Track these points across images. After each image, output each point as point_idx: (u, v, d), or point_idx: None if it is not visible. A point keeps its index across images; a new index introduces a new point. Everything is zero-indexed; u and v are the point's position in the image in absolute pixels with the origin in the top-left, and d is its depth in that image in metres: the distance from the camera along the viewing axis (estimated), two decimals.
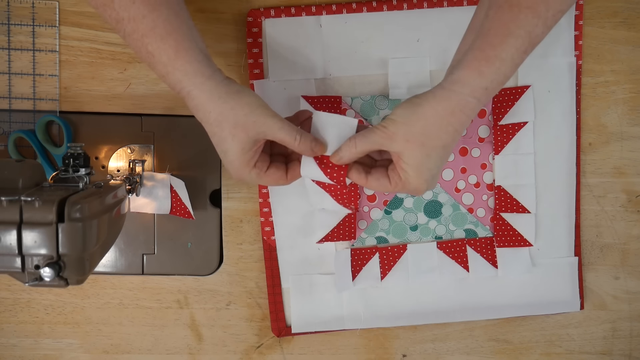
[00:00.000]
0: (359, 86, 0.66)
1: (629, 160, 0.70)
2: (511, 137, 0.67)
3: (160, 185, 0.65)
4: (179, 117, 0.67)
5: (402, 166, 0.52)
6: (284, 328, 0.69)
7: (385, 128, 0.52)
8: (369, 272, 0.68)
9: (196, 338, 0.70)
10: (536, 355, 0.72)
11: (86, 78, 0.66)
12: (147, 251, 0.67)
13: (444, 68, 0.67)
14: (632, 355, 0.73)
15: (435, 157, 0.52)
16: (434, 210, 0.68)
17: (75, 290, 0.68)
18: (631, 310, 0.72)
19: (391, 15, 0.65)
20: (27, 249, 0.45)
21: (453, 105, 0.50)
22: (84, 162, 0.54)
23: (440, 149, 0.51)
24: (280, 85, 0.66)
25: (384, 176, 0.55)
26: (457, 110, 0.50)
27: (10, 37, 0.65)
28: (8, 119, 0.66)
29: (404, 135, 0.51)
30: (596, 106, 0.69)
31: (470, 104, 0.50)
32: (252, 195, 0.68)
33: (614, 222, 0.71)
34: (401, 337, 0.71)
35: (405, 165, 0.52)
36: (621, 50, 0.68)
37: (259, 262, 0.69)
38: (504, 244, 0.68)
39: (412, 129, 0.51)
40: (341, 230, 0.67)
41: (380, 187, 0.55)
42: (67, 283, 0.47)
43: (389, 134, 0.51)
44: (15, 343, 0.69)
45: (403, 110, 0.51)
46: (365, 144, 0.53)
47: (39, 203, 0.45)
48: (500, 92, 0.67)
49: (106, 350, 0.69)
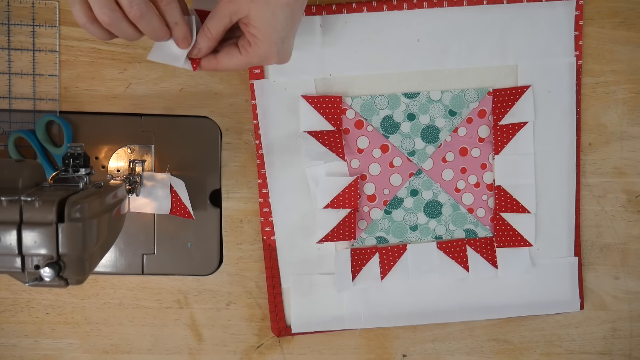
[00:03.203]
0: (359, 86, 0.66)
1: (629, 160, 0.70)
2: (511, 137, 0.67)
3: (160, 185, 0.65)
4: (179, 117, 0.67)
5: (250, 31, 0.52)
6: (284, 328, 0.69)
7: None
8: (369, 272, 0.68)
9: (196, 338, 0.70)
10: (536, 355, 0.72)
11: (86, 78, 0.66)
12: (147, 251, 0.67)
13: (444, 68, 0.67)
14: (632, 355, 0.73)
15: (281, 15, 0.52)
16: (434, 210, 0.69)
17: (75, 290, 0.68)
18: (631, 310, 0.72)
19: (391, 15, 0.65)
20: (27, 249, 0.45)
21: None
22: (84, 162, 0.54)
23: (285, 6, 0.52)
24: (280, 85, 0.66)
25: (233, 48, 0.54)
26: None
27: (10, 37, 0.65)
28: (8, 119, 0.66)
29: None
30: (596, 106, 0.69)
31: None
32: (252, 195, 0.68)
33: (614, 222, 0.71)
34: (401, 337, 0.71)
35: (254, 29, 0.52)
36: (621, 50, 0.68)
37: (259, 262, 0.69)
38: (503, 244, 0.68)
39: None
40: (341, 230, 0.67)
41: (232, 60, 0.54)
42: (67, 283, 0.47)
43: (233, 0, 0.51)
44: (15, 343, 0.69)
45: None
46: (216, 22, 0.52)
47: (39, 203, 0.45)
48: (500, 92, 0.67)
49: (106, 350, 0.69)
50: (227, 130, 0.67)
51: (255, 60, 0.54)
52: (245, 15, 0.52)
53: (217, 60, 0.55)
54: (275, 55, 0.54)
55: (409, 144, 0.67)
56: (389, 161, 0.67)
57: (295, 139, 0.66)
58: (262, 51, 0.53)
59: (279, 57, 0.54)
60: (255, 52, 0.53)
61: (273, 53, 0.53)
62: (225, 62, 0.55)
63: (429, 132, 0.67)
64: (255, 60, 0.54)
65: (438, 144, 0.67)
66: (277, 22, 0.52)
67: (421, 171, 0.68)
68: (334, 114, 0.66)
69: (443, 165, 0.68)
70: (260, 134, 0.66)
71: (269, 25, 0.52)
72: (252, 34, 0.52)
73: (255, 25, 0.52)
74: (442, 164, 0.68)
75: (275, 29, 0.52)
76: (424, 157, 0.67)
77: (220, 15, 0.52)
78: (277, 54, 0.54)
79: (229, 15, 0.52)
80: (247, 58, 0.54)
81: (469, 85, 0.67)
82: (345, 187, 0.66)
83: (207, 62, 0.55)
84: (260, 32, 0.52)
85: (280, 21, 0.52)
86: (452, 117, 0.67)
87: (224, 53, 0.54)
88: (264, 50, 0.53)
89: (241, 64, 0.55)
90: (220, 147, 0.67)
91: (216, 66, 0.55)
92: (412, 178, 0.68)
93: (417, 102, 0.67)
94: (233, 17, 0.52)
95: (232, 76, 0.67)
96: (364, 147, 0.67)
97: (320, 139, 0.65)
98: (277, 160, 0.67)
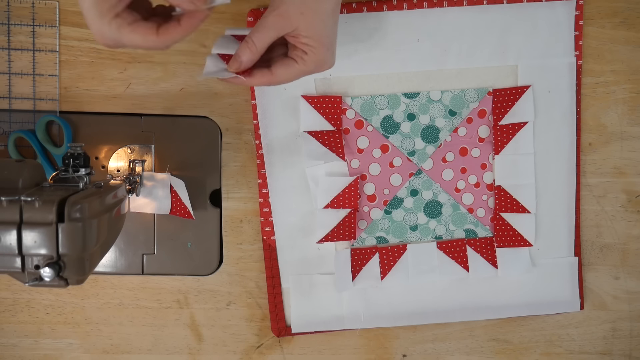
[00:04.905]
0: (359, 86, 0.66)
1: (629, 160, 0.70)
2: (511, 137, 0.67)
3: (160, 185, 0.65)
4: (179, 117, 0.67)
5: (303, 41, 0.52)
6: (284, 328, 0.69)
7: (276, 9, 0.51)
8: (369, 272, 0.68)
9: (196, 338, 0.70)
10: (536, 355, 0.72)
11: (86, 78, 0.66)
12: (147, 251, 0.67)
13: (444, 68, 0.67)
14: (632, 355, 0.73)
15: (329, 22, 0.53)
16: (434, 210, 0.68)
17: (75, 290, 0.68)
18: (631, 310, 0.72)
19: (391, 15, 0.65)
20: (27, 249, 0.45)
21: None
22: (84, 162, 0.54)
23: (331, 12, 0.52)
24: (280, 85, 0.65)
25: (288, 60, 0.54)
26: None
27: (10, 37, 0.65)
28: (8, 119, 0.66)
29: (297, 9, 0.51)
30: (596, 106, 0.69)
31: None
32: (252, 195, 0.68)
33: (614, 222, 0.71)
34: (401, 337, 0.71)
35: (305, 38, 0.52)
36: (621, 50, 0.68)
37: (259, 262, 0.69)
38: (503, 244, 0.68)
39: (302, 1, 0.51)
40: (341, 230, 0.67)
41: (289, 71, 0.54)
42: (67, 283, 0.47)
43: (282, 13, 0.51)
44: (15, 343, 0.69)
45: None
46: (262, 35, 0.51)
47: (39, 203, 0.45)
48: (500, 92, 0.67)
49: (106, 350, 0.69)
50: (227, 130, 0.67)
51: (311, 68, 0.54)
52: (293, 29, 0.52)
53: (273, 74, 0.54)
54: (330, 58, 0.55)
55: (409, 144, 0.67)
56: (389, 161, 0.67)
57: (295, 139, 0.66)
58: (319, 57, 0.53)
59: (331, 61, 0.55)
60: (312, 59, 0.53)
61: (328, 57, 0.54)
62: (282, 74, 0.54)
63: (429, 132, 0.67)
64: (312, 67, 0.54)
65: (438, 144, 0.67)
66: (326, 28, 0.53)
67: (421, 171, 0.68)
68: (334, 114, 0.66)
69: (443, 165, 0.68)
70: (260, 134, 0.66)
71: (321, 32, 0.53)
72: (305, 44, 0.53)
73: (307, 35, 0.52)
74: (442, 164, 0.68)
75: (327, 34, 0.53)
76: (424, 157, 0.67)
77: (269, 27, 0.51)
78: (331, 58, 0.55)
79: (277, 29, 0.52)
80: (304, 66, 0.54)
81: (469, 85, 0.67)
82: (345, 187, 0.66)
83: (261, 75, 0.54)
84: (314, 41, 0.52)
85: (329, 27, 0.53)
86: (452, 117, 0.67)
87: (280, 65, 0.54)
88: (320, 56, 0.53)
89: (298, 74, 0.54)
90: (220, 147, 0.67)
91: (270, 80, 0.54)
92: (412, 178, 0.68)
93: (417, 102, 0.67)
94: (280, 31, 0.52)
95: None
96: (364, 147, 0.67)
97: (320, 139, 0.65)
98: (277, 160, 0.67)
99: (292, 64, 0.54)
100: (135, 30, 0.46)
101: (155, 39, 0.47)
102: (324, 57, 0.54)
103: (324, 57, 0.54)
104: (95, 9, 0.45)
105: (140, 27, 0.46)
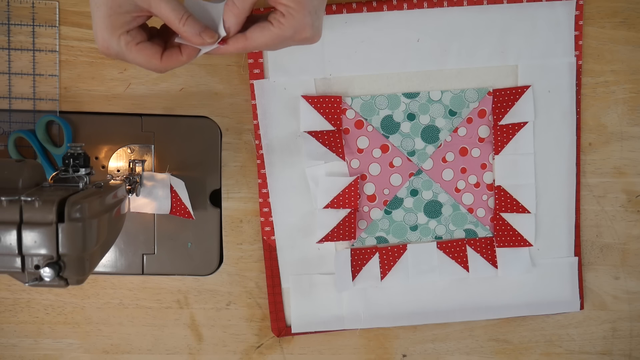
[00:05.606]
0: (359, 86, 0.66)
1: (629, 160, 0.70)
2: (511, 137, 0.67)
3: (160, 185, 0.65)
4: (179, 117, 0.67)
5: (282, 1, 0.48)
6: (284, 328, 0.69)
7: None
8: (369, 272, 0.68)
9: (196, 338, 0.70)
10: (536, 355, 0.72)
11: (86, 78, 0.66)
12: (147, 251, 0.67)
13: (444, 68, 0.67)
14: (632, 355, 0.73)
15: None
16: (434, 210, 0.69)
17: (75, 290, 0.68)
18: (631, 310, 0.72)
19: (391, 15, 0.65)
20: (27, 249, 0.45)
21: None
22: (84, 162, 0.54)
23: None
24: (280, 85, 0.66)
25: (264, 23, 0.50)
26: None
27: (10, 37, 0.65)
28: (8, 119, 0.66)
29: None
30: (596, 106, 0.69)
31: None
32: (252, 195, 0.68)
33: (614, 222, 0.71)
34: (401, 337, 0.71)
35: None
36: (621, 50, 0.68)
37: (259, 262, 0.69)
38: (503, 244, 0.68)
39: None
40: (341, 230, 0.67)
41: (264, 35, 0.50)
42: (67, 283, 0.47)
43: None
44: (15, 343, 0.69)
45: None
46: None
47: (39, 203, 0.45)
48: (500, 92, 0.67)
49: (106, 350, 0.69)
50: (227, 130, 0.67)
51: (289, 33, 0.50)
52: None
53: (247, 37, 0.50)
54: (310, 26, 0.50)
55: (409, 144, 0.67)
56: (389, 161, 0.67)
57: (295, 139, 0.66)
58: (297, 21, 0.49)
59: (313, 30, 0.51)
60: (290, 22, 0.49)
61: (308, 24, 0.50)
62: (257, 38, 0.50)
63: (429, 132, 0.67)
64: (289, 32, 0.50)
65: (438, 144, 0.67)
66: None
67: (421, 171, 0.68)
68: (334, 114, 0.66)
69: (443, 165, 0.68)
70: (260, 134, 0.66)
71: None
72: (284, 4, 0.49)
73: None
74: (442, 164, 0.68)
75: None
76: (424, 157, 0.68)
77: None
78: (312, 25, 0.50)
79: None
80: (280, 30, 0.50)
81: (469, 85, 0.67)
82: (345, 187, 0.66)
83: (235, 41, 0.50)
84: (294, 2, 0.48)
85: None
86: (452, 117, 0.67)
87: (255, 28, 0.50)
88: (298, 20, 0.49)
89: (274, 38, 0.50)
90: (220, 147, 0.67)
91: (245, 44, 0.51)
92: (412, 178, 0.68)
93: (417, 102, 0.67)
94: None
95: (232, 76, 0.67)
96: (364, 147, 0.67)
97: (320, 139, 0.65)
98: (277, 160, 0.67)
99: (267, 27, 0.50)
100: (141, 51, 0.48)
101: (157, 64, 0.49)
102: (303, 22, 0.49)
103: (304, 22, 0.49)
104: (108, 21, 0.46)
105: (147, 50, 0.48)
